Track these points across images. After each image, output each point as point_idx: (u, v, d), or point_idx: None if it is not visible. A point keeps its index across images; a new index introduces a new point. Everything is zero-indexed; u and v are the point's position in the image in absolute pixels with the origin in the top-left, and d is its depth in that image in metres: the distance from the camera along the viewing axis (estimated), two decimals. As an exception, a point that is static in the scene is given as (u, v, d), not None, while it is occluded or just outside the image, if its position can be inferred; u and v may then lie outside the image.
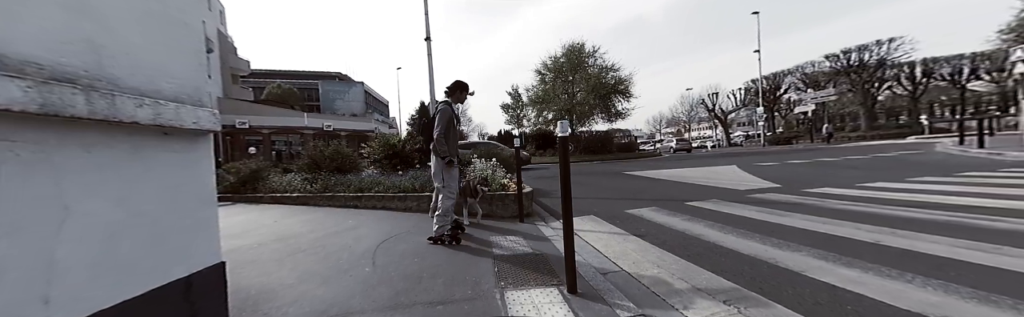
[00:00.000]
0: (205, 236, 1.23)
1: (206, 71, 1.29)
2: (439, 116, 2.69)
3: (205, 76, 1.27)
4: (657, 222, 3.19)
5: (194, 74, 1.22)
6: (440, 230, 2.75)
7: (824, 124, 23.50)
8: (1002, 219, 2.63)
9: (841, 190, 4.32)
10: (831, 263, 2.00)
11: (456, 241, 2.74)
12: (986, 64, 23.70)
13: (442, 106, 2.77)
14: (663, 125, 57.60)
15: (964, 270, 1.81)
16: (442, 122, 2.67)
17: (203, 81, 1.25)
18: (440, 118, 2.68)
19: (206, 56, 1.33)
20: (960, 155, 7.88)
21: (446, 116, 2.70)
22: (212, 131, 1.23)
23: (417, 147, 7.13)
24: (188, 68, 1.20)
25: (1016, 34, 18.52)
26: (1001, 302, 1.47)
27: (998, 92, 25.59)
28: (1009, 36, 19.04)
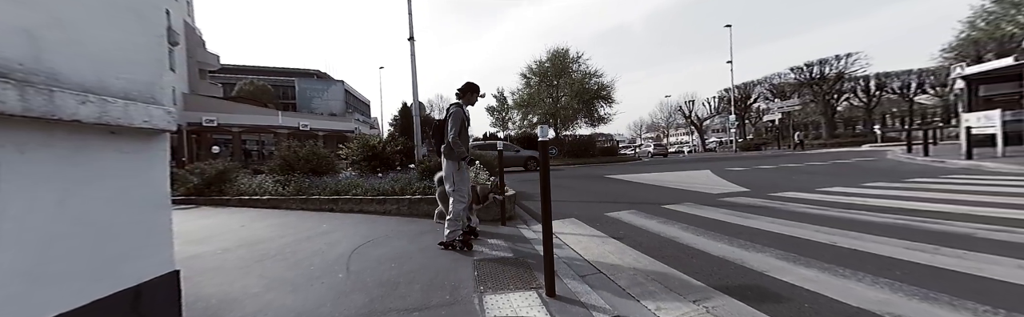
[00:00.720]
0: (157, 243, 1.14)
1: (163, 66, 1.18)
2: (452, 118, 2.62)
3: (161, 71, 1.16)
4: (635, 225, 3.25)
5: (148, 69, 1.10)
6: (451, 235, 2.64)
7: (795, 132, 24.51)
8: (941, 222, 2.80)
9: (803, 194, 4.51)
10: (791, 263, 2.09)
11: (468, 247, 2.63)
12: (931, 79, 25.31)
13: (454, 108, 2.69)
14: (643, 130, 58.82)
15: (908, 269, 1.92)
16: (456, 124, 2.60)
17: (158, 76, 1.14)
18: (453, 120, 2.60)
19: (166, 49, 1.22)
20: (908, 162, 8.36)
21: (459, 118, 2.62)
22: (166, 130, 1.13)
23: (398, 149, 6.90)
24: (141, 62, 1.08)
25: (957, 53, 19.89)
26: (940, 299, 1.57)
27: (941, 105, 27.33)
28: (951, 54, 20.43)
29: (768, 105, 30.54)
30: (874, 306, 1.53)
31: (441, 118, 2.76)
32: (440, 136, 2.74)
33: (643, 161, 18.35)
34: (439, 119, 2.78)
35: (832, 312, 1.51)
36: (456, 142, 2.60)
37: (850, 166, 8.27)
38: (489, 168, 5.08)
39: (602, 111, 22.05)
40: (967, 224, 2.69)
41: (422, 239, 3.04)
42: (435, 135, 2.82)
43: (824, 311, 1.52)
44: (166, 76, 1.25)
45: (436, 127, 2.78)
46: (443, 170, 2.77)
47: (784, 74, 29.64)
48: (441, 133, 2.73)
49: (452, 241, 2.65)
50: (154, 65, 1.13)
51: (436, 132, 2.80)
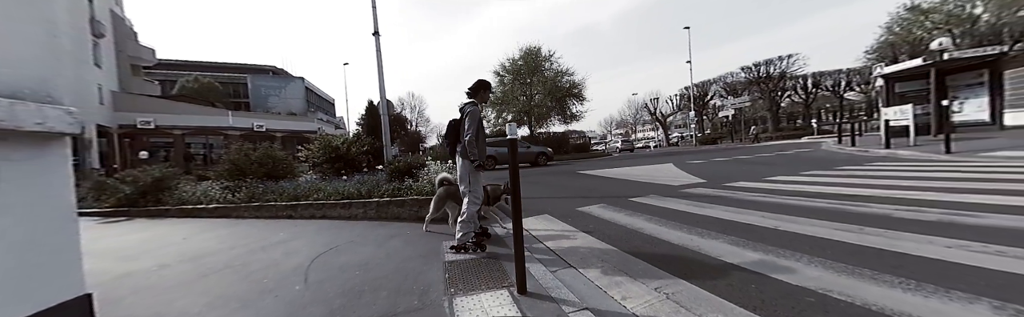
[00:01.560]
0: (61, 263, 0.96)
1: (61, 58, 0.99)
2: (469, 118, 2.45)
3: (58, 64, 0.98)
4: (604, 218, 3.34)
5: (40, 62, 0.92)
6: (464, 237, 2.48)
7: (751, 127, 26.03)
8: (864, 205, 3.08)
9: (752, 183, 4.81)
10: (741, 248, 2.22)
11: (481, 248, 2.48)
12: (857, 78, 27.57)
13: (470, 107, 2.51)
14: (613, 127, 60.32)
15: (838, 249, 2.10)
16: (473, 124, 2.44)
17: (54, 71, 0.96)
18: (470, 119, 2.44)
19: (63, 39, 1.01)
20: (839, 152, 9.11)
21: (476, 118, 2.46)
22: (67, 134, 0.96)
23: (365, 149, 6.37)
24: (30, 54, 0.90)
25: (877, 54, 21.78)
26: (863, 274, 1.73)
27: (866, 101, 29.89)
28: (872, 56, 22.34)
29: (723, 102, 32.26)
30: (810, 283, 1.67)
31: (455, 118, 2.59)
32: (455, 136, 2.57)
33: (613, 156, 18.84)
34: (454, 119, 2.59)
35: (774, 291, 1.63)
36: (472, 143, 2.43)
37: (791, 157, 8.90)
38: None
39: (574, 109, 22.21)
40: (885, 206, 2.97)
41: (391, 243, 2.89)
42: (449, 135, 2.66)
43: (767, 290, 1.64)
44: (67, 71, 1.02)
45: (451, 127, 2.62)
46: (458, 170, 2.60)
47: (736, 73, 31.35)
48: (456, 133, 2.55)
49: (464, 244, 2.49)
50: (47, 57, 0.94)
51: (450, 132, 2.63)
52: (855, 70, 26.90)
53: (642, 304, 1.57)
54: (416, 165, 4.84)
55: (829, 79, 28.72)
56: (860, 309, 1.41)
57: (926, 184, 3.79)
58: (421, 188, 4.10)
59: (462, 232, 2.49)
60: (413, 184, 4.28)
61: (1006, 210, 2.56)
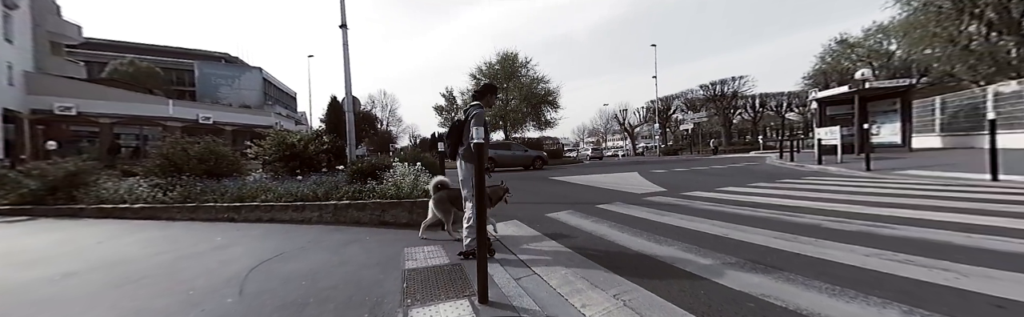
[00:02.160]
0: None
1: None
2: (475, 120, 2.38)
3: None
4: (571, 225, 3.37)
5: None
6: (472, 243, 2.34)
7: (711, 139, 27.64)
8: (799, 215, 3.32)
9: (706, 193, 5.07)
10: (693, 255, 2.31)
11: (490, 253, 2.36)
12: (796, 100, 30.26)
13: (477, 110, 2.44)
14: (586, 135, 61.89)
15: (776, 256, 2.23)
16: (479, 127, 2.36)
17: None
18: (476, 123, 2.36)
19: None
20: (780, 166, 9.87)
21: (482, 120, 2.39)
22: None
23: (325, 148, 5.78)
24: None
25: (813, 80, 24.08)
26: (796, 280, 1.84)
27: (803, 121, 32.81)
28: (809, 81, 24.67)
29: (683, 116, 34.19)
30: (751, 289, 1.75)
31: (459, 119, 2.49)
32: (457, 138, 2.48)
33: (584, 163, 19.25)
34: (459, 120, 2.49)
35: (720, 296, 1.69)
36: (478, 146, 2.38)
37: (740, 169, 9.52)
38: (430, 169, 4.61)
39: (549, 115, 22.37)
40: (816, 216, 3.22)
41: (347, 250, 2.64)
42: (451, 137, 2.55)
43: (714, 295, 1.70)
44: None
45: (453, 128, 2.52)
46: (461, 173, 2.48)
47: (695, 90, 33.45)
48: (459, 135, 2.45)
49: (473, 249, 2.30)
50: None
51: (453, 134, 2.52)
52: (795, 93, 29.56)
53: (600, 311, 1.58)
54: (381, 166, 4.48)
55: (773, 100, 31.35)
56: (792, 314, 1.49)
57: (850, 198, 4.16)
58: (385, 191, 3.82)
59: (470, 237, 2.36)
60: (376, 186, 3.96)
61: (915, 223, 2.85)
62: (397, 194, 3.73)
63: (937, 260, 1.99)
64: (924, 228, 2.66)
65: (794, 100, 30.35)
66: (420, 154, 6.40)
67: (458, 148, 2.49)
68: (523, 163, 13.96)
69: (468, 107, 2.53)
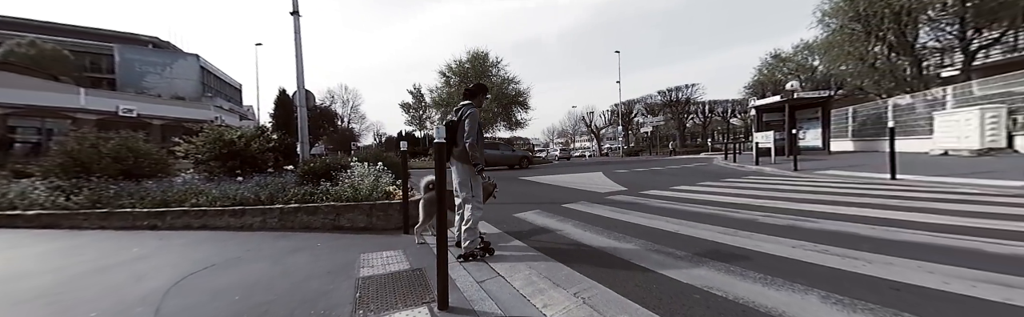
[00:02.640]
0: None
1: None
2: (469, 120, 2.30)
3: None
4: (537, 224, 3.40)
5: None
6: (471, 246, 2.32)
7: (670, 142, 29.26)
8: (739, 211, 3.61)
9: (662, 192, 5.35)
10: (649, 251, 2.42)
11: (490, 252, 2.36)
12: (739, 107, 32.99)
13: (469, 109, 2.36)
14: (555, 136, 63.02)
15: (721, 249, 2.39)
16: (474, 126, 2.30)
17: None
18: (471, 122, 2.29)
19: None
20: (725, 167, 10.70)
21: (476, 120, 2.32)
22: None
23: (271, 146, 5.19)
24: None
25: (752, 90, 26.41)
26: (734, 271, 1.98)
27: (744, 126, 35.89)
28: (749, 90, 27.04)
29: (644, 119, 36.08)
30: (697, 281, 1.86)
31: (451, 118, 2.39)
32: (450, 138, 2.33)
33: (553, 164, 19.57)
34: (451, 120, 2.40)
35: (670, 289, 1.78)
36: (474, 147, 2.29)
37: (692, 169, 10.19)
38: (393, 169, 4.28)
39: (519, 116, 22.21)
40: (753, 212, 3.52)
41: (292, 259, 2.39)
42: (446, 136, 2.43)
43: (665, 289, 1.79)
44: None
45: (447, 128, 2.37)
46: (456, 176, 2.40)
47: (653, 96, 35.39)
48: (451, 135, 2.33)
49: (472, 252, 2.33)
50: None
51: (446, 134, 2.36)
52: (738, 101, 32.21)
53: (560, 311, 1.60)
54: (337, 166, 4.09)
55: (720, 106, 33.96)
56: (731, 303, 1.60)
57: (781, 195, 4.59)
58: (340, 193, 3.51)
59: (469, 240, 2.32)
60: (331, 188, 3.63)
61: (831, 216, 3.20)
62: (355, 196, 3.45)
63: (848, 249, 2.24)
64: (838, 221, 2.99)
65: (737, 107, 33.08)
66: (383, 154, 5.84)
67: (451, 149, 2.39)
68: (510, 162, 14.25)
69: (460, 106, 2.44)
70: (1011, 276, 1.71)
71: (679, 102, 33.01)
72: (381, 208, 3.30)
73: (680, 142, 33.03)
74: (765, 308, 1.53)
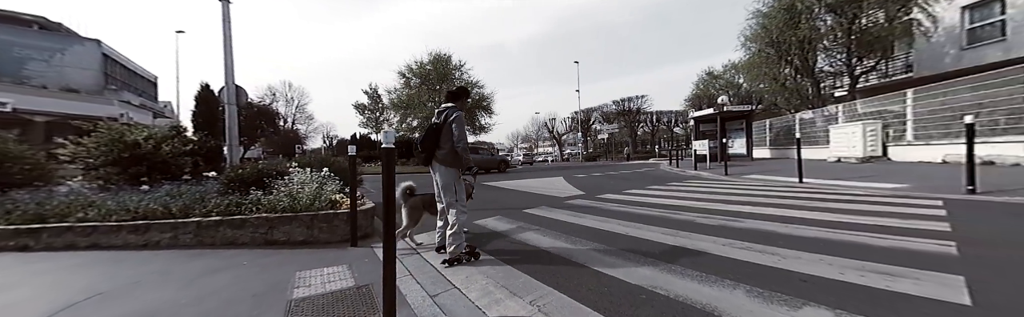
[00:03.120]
0: None
1: None
2: (457, 123, 2.27)
3: None
4: (498, 231, 3.35)
5: None
6: (456, 250, 2.28)
7: (625, 147, 30.88)
8: (680, 212, 3.89)
9: (616, 195, 5.61)
10: (602, 254, 2.49)
11: (476, 256, 2.34)
12: (681, 117, 36.12)
13: (457, 113, 2.31)
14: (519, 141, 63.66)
15: (663, 250, 2.53)
16: (462, 130, 2.27)
17: None
18: (459, 126, 2.26)
19: None
20: (669, 171, 11.58)
21: (463, 123, 2.28)
22: None
23: (188, 149, 4.42)
24: None
25: (691, 102, 29.15)
26: (675, 270, 2.10)
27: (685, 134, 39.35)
28: (689, 102, 29.81)
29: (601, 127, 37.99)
30: (643, 281, 1.94)
31: (435, 121, 2.34)
32: (433, 142, 2.30)
33: (517, 168, 19.71)
34: (435, 122, 2.33)
35: (620, 291, 1.84)
36: (465, 150, 2.28)
37: (642, 173, 10.87)
38: (342, 175, 3.88)
39: (483, 120, 21.75)
40: (691, 214, 3.81)
41: (209, 281, 2.07)
42: (426, 141, 2.34)
43: (615, 291, 1.84)
44: None
45: (430, 130, 2.31)
46: (441, 179, 2.34)
47: (609, 105, 37.48)
48: (435, 138, 2.30)
49: (458, 256, 2.28)
50: None
51: (429, 137, 2.32)
52: (680, 112, 35.28)
53: (517, 319, 1.56)
54: (271, 172, 3.58)
55: (666, 116, 36.92)
56: (673, 301, 1.69)
57: (715, 197, 5.05)
58: (275, 203, 3.05)
59: (454, 244, 2.29)
60: (263, 197, 3.15)
61: (754, 216, 3.57)
62: (292, 206, 3.04)
63: (767, 246, 2.50)
64: (759, 220, 3.34)
65: (679, 117, 36.19)
66: (330, 158, 5.23)
67: (435, 152, 2.33)
68: (490, 166, 14.65)
69: (444, 109, 2.39)
70: (890, 265, 2.02)
71: (631, 111, 35.37)
72: (325, 219, 2.98)
73: (633, 148, 35.21)
74: (700, 304, 1.64)
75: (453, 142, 2.29)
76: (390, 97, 21.52)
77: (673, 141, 39.59)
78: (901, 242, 2.46)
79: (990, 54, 10.20)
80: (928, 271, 1.90)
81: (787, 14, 12.87)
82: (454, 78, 20.40)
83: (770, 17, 13.38)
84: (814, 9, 12.54)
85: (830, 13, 12.49)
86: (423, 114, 19.72)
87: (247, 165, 3.73)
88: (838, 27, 12.45)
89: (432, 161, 2.38)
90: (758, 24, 14.06)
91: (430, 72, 19.93)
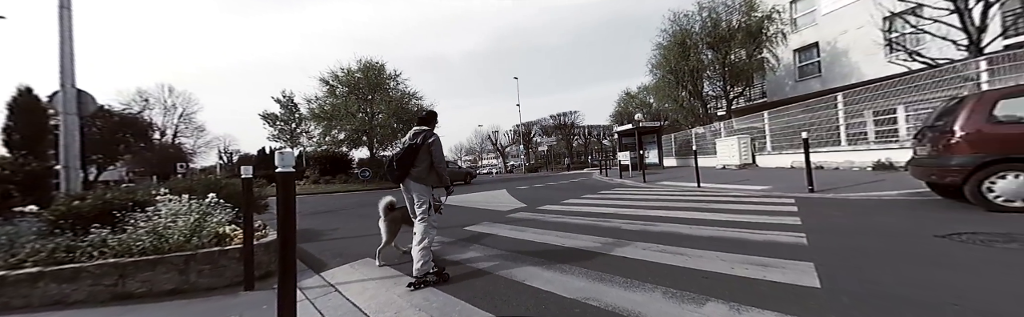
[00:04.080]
0: None
1: None
2: (436, 147, 2.52)
3: None
4: (434, 253, 3.14)
5: None
6: (424, 267, 2.27)
7: (565, 158, 32.57)
8: (609, 220, 4.20)
9: (554, 206, 5.83)
10: (541, 268, 2.51)
11: (444, 279, 2.31)
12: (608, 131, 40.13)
13: (435, 136, 2.56)
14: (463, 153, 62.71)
15: (595, 259, 2.67)
16: (442, 152, 2.56)
17: None
18: (438, 149, 2.53)
19: None
20: (599, 180, 12.60)
21: (441, 146, 2.54)
22: None
23: (29, 168, 3.45)
24: None
25: (615, 118, 32.74)
26: (604, 278, 2.22)
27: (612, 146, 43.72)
28: (614, 118, 33.42)
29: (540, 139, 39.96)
30: (577, 294, 2.00)
31: (412, 142, 2.53)
32: (411, 160, 2.50)
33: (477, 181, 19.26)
34: (411, 143, 2.53)
35: (556, 307, 1.85)
36: (444, 169, 2.55)
37: (578, 183, 11.60)
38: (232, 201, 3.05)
39: None
40: (617, 220, 4.14)
41: None
42: (404, 158, 2.50)
43: (552, 307, 1.85)
44: None
45: (408, 151, 2.50)
46: (415, 195, 2.52)
47: (547, 119, 39.83)
48: (412, 157, 2.50)
49: (425, 275, 2.26)
50: None
51: (405, 156, 2.50)
52: (607, 126, 39.25)
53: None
54: (127, 204, 2.73)
55: (596, 130, 40.67)
56: (605, 312, 1.76)
57: (636, 204, 5.61)
58: (129, 244, 2.34)
59: (423, 261, 2.28)
60: (113, 237, 2.40)
61: (667, 220, 4.03)
62: (157, 246, 2.37)
63: (677, 247, 2.83)
64: (671, 223, 3.79)
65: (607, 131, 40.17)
66: (220, 180, 4.05)
67: (410, 170, 2.50)
68: (458, 178, 15.34)
69: (420, 131, 2.61)
70: (765, 257, 2.44)
71: (566, 125, 38.17)
72: (206, 259, 2.38)
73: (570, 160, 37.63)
74: (626, 311, 1.74)
75: (432, 162, 2.51)
76: (309, 106, 18.94)
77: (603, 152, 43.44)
78: (770, 236, 3.03)
79: (813, 85, 13.81)
80: (790, 260, 2.35)
81: (680, 48, 15.74)
82: (389, 88, 19.01)
83: (668, 49, 16.17)
84: (698, 45, 15.62)
85: (710, 49, 15.66)
86: (351, 125, 17.49)
87: (88, 195, 2.78)
88: (716, 60, 15.65)
89: (405, 178, 2.51)
90: (660, 55, 16.85)
91: (360, 80, 18.23)
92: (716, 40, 15.06)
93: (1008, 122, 3.31)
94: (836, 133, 9.15)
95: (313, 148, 20.48)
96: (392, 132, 18.45)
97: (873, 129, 8.40)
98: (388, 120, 18.18)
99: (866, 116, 8.48)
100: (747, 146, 11.97)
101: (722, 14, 15.12)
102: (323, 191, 13.91)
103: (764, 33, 14.17)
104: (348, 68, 18.33)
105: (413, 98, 19.46)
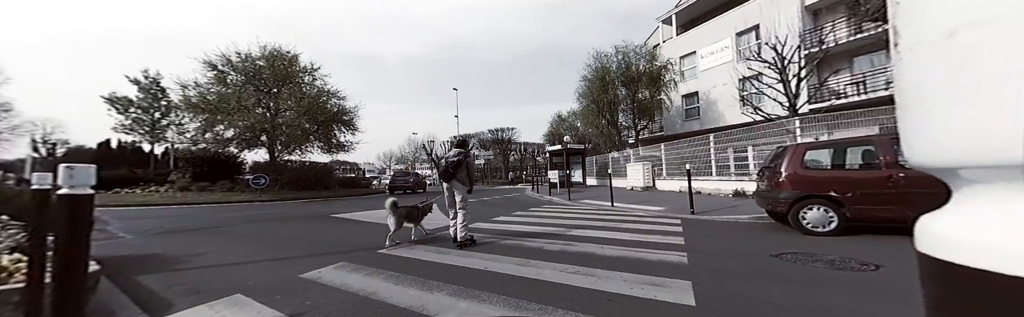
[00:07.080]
0: None
1: None
2: (472, 163, 4.23)
3: None
4: (334, 285, 2.66)
5: None
6: (466, 236, 3.99)
7: (510, 172, 32.65)
8: (532, 240, 4.28)
9: (485, 224, 5.69)
10: (456, 298, 2.35)
11: (474, 243, 4.04)
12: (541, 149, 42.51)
13: (468, 158, 4.15)
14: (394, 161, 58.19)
15: (514, 283, 2.63)
16: (473, 170, 4.34)
17: None
18: (473, 164, 4.29)
19: None
20: (531, 196, 13.03)
21: (474, 165, 4.40)
22: None
23: None
24: None
25: (547, 138, 35.06)
26: (521, 305, 2.19)
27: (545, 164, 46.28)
28: (547, 137, 35.71)
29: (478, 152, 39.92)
30: (491, 328, 1.90)
31: (459, 158, 4.06)
32: (456, 169, 4.03)
33: (386, 193, 17.64)
34: (459, 158, 4.05)
35: (467, 346, 1.72)
36: (471, 180, 4.17)
37: (511, 198, 11.75)
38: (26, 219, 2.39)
39: (343, 137, 17.47)
40: (540, 240, 4.25)
41: None
42: (453, 169, 4.02)
43: (462, 348, 1.71)
44: None
45: (458, 163, 4.02)
46: (457, 192, 4.09)
47: (485, 133, 40.35)
48: (457, 168, 4.03)
49: (466, 241, 3.96)
50: None
51: (457, 166, 4.03)
52: (540, 144, 41.65)
53: None
54: None
55: (531, 147, 42.71)
56: (514, 347, 1.69)
57: (559, 222, 5.89)
58: None
59: (463, 232, 3.96)
60: None
61: (584, 239, 4.29)
62: None
63: (589, 268, 2.99)
64: (587, 243, 4.05)
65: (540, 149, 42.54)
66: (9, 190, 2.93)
67: (456, 175, 4.02)
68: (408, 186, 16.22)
69: (458, 154, 4.07)
70: (657, 277, 2.74)
71: (504, 140, 39.21)
72: None
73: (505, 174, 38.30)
74: (536, 344, 1.71)
75: (468, 172, 4.10)
76: (185, 93, 14.63)
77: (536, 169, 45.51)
78: (661, 255, 3.45)
79: (694, 125, 17.14)
80: (675, 279, 2.69)
81: (601, 82, 18.17)
82: (302, 82, 16.19)
83: (592, 82, 18.52)
84: (615, 82, 18.28)
85: (623, 86, 18.39)
86: (244, 122, 14.16)
87: None
88: (628, 96, 18.39)
89: (452, 179, 4.03)
90: (585, 85, 19.13)
91: (262, 69, 14.93)
92: (628, 79, 17.91)
93: (813, 167, 4.60)
94: (709, 165, 11.41)
95: (185, 145, 16.19)
96: (303, 133, 15.69)
97: (733, 164, 10.74)
98: (298, 119, 15.37)
99: (729, 153, 10.83)
100: (649, 171, 13.97)
101: (632, 59, 18.17)
102: (193, 201, 10.96)
103: (662, 79, 17.41)
104: (247, 53, 15.11)
105: (333, 97, 17.01)
